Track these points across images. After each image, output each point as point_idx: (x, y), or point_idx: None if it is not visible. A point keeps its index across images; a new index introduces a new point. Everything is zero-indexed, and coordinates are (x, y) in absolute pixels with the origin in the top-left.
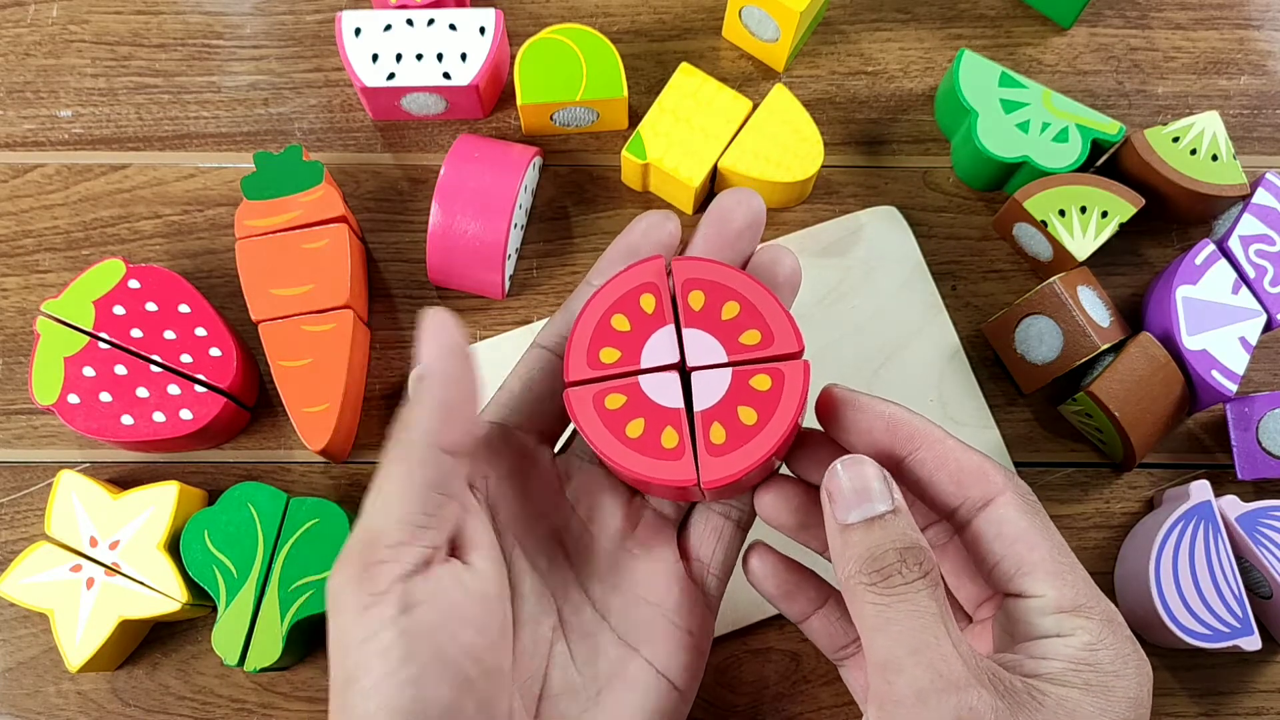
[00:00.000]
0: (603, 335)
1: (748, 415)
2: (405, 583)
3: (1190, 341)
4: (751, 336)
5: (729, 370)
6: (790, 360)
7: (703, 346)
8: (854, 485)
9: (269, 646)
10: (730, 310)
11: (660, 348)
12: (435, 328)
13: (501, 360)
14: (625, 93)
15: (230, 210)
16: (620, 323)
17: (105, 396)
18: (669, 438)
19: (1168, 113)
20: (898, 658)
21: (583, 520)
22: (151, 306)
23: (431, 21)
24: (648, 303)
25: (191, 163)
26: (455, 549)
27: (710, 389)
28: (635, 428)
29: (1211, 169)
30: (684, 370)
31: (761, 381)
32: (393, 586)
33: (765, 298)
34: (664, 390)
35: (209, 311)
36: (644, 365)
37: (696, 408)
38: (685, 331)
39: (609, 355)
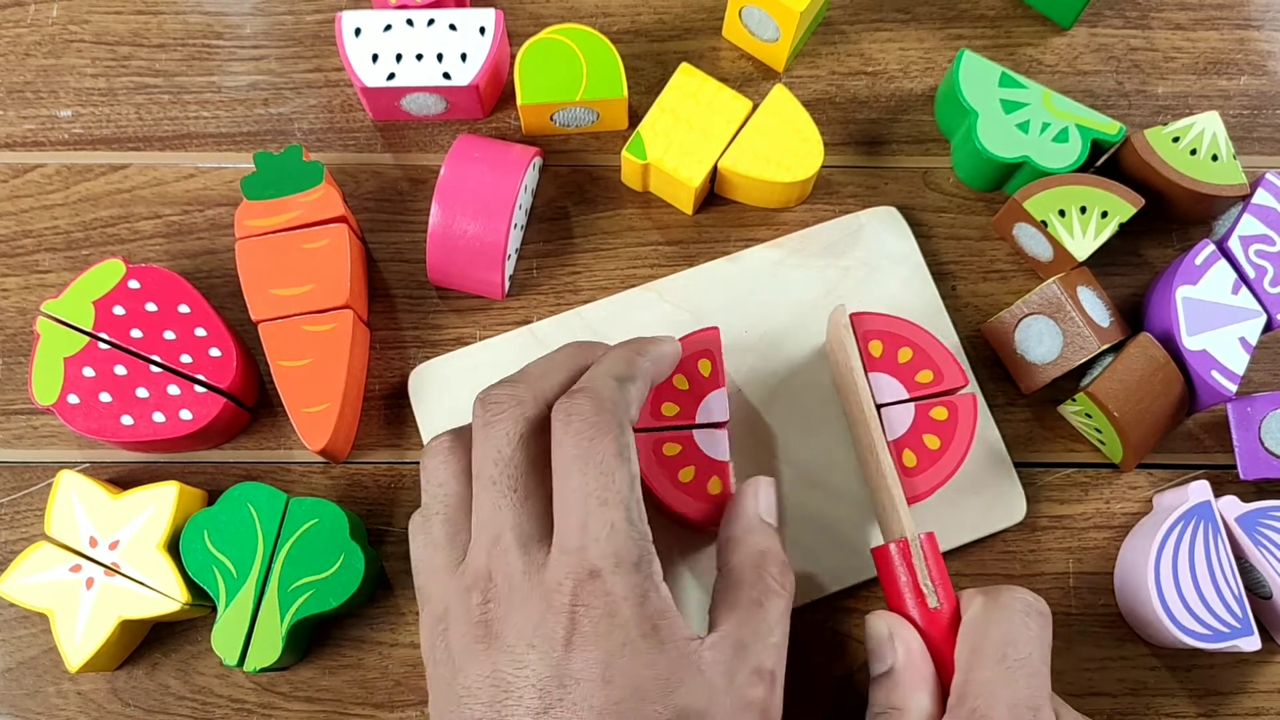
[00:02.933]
0: (664, 391)
1: (932, 441)
2: None
3: (1190, 342)
4: (925, 375)
5: (912, 405)
6: (960, 393)
7: (886, 387)
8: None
9: (268, 647)
10: (905, 355)
11: (714, 407)
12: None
13: (501, 361)
14: (625, 93)
15: (230, 210)
16: (680, 382)
17: (105, 396)
18: (714, 485)
19: (1168, 113)
20: None
21: None
22: (151, 307)
23: (431, 21)
24: (704, 367)
25: (191, 163)
26: None
27: (897, 422)
28: (687, 474)
29: (1211, 169)
30: (718, 425)
31: (940, 413)
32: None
33: (932, 342)
34: (714, 444)
35: (209, 312)
36: (698, 421)
37: (889, 438)
38: (870, 375)
39: (669, 409)
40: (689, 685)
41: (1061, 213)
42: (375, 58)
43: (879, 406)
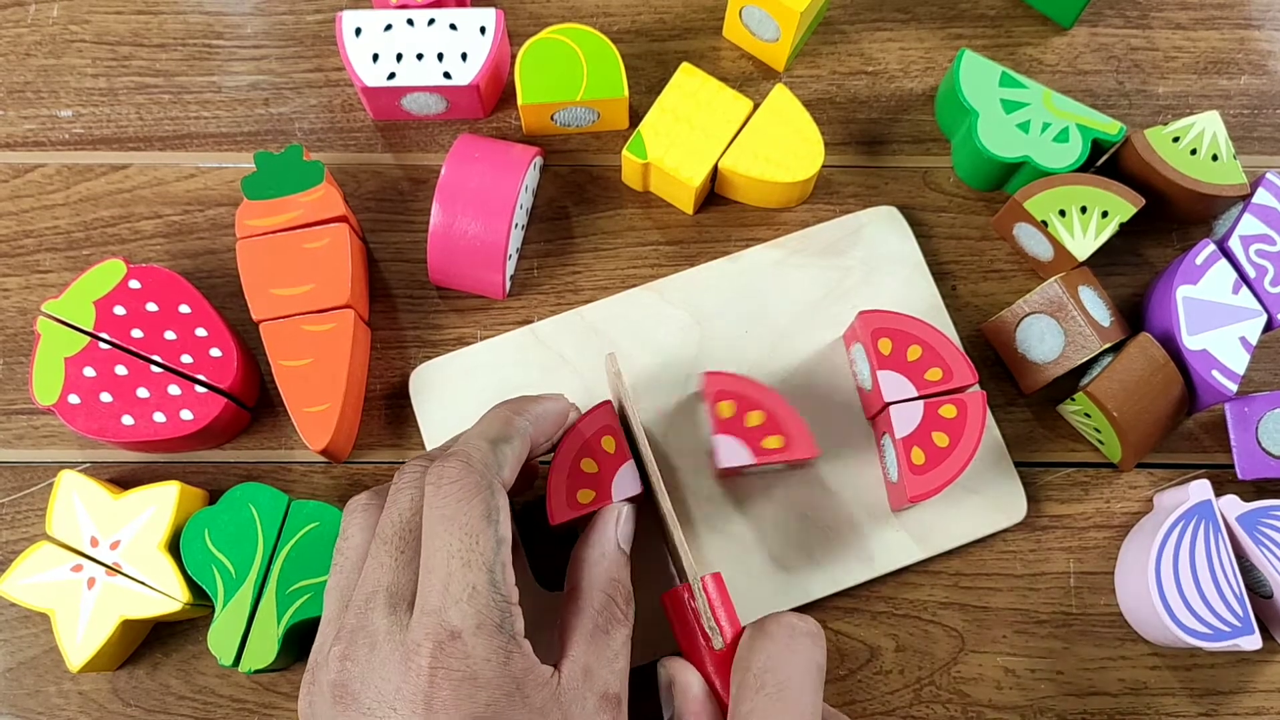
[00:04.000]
0: (576, 479)
1: (940, 439)
2: None
3: (1190, 341)
4: (935, 373)
5: (920, 403)
6: (969, 390)
7: (895, 384)
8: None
9: (264, 648)
10: (914, 353)
11: (625, 481)
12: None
13: (501, 361)
14: (626, 93)
15: (231, 210)
16: (589, 466)
17: (106, 397)
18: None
19: (1168, 113)
20: None
21: None
22: (152, 307)
23: (432, 21)
24: (608, 444)
25: (192, 163)
26: None
27: (907, 420)
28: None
29: (1211, 169)
30: (880, 407)
31: (949, 410)
32: None
33: (941, 339)
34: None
35: (209, 312)
36: (615, 499)
37: (897, 436)
38: (879, 373)
39: (585, 496)
40: None
41: (1062, 213)
42: (376, 57)
43: (888, 404)
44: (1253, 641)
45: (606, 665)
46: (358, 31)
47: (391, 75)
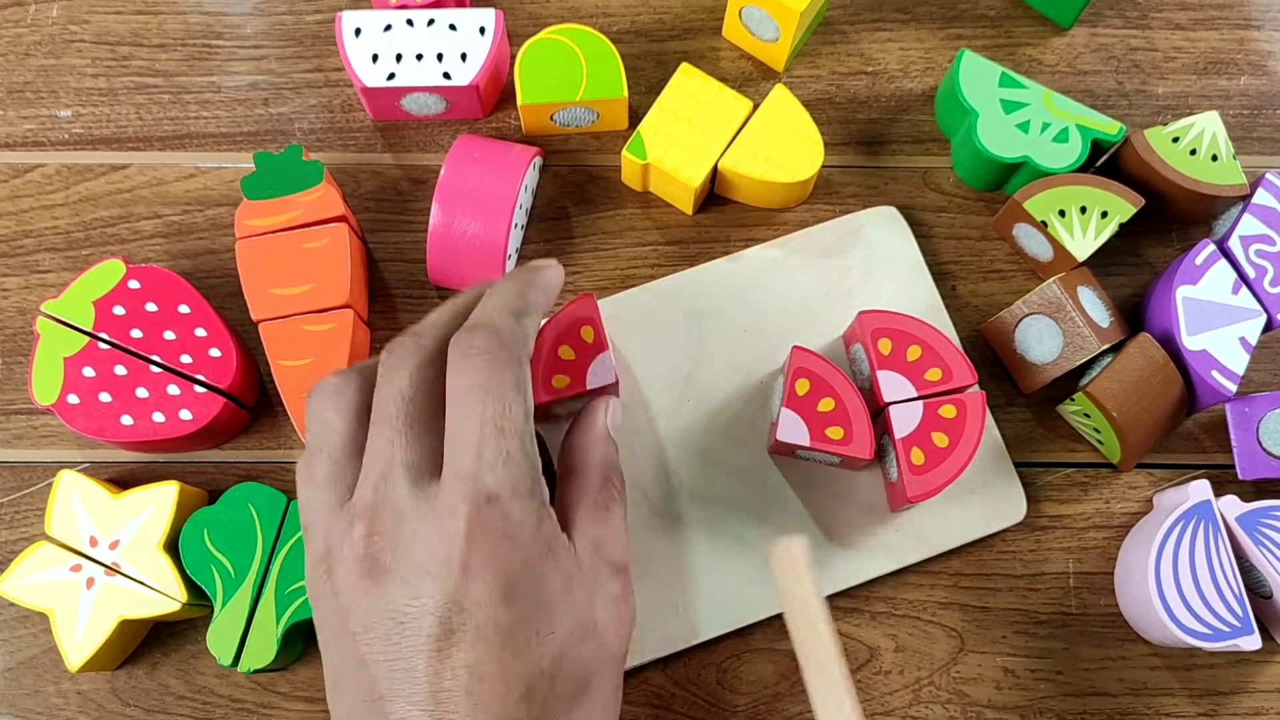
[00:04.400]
0: (552, 365)
1: (940, 439)
2: None
3: (1190, 341)
4: (934, 373)
5: (920, 403)
6: (968, 391)
7: (895, 384)
8: None
9: (263, 648)
10: (914, 353)
11: (601, 371)
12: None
13: None
14: (625, 93)
15: (230, 210)
16: (566, 353)
17: (105, 396)
18: None
19: (1168, 113)
20: None
21: None
22: (151, 307)
23: (431, 21)
24: (587, 334)
25: (191, 163)
26: None
27: (906, 420)
28: None
29: (1211, 169)
30: (880, 408)
31: (948, 411)
32: None
33: (941, 339)
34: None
35: (209, 312)
36: (589, 387)
37: (896, 436)
38: (879, 373)
39: (560, 381)
40: (576, 592)
41: (1061, 213)
42: (375, 58)
43: (887, 404)
44: (1252, 642)
45: (612, 538)
46: (357, 32)
47: (391, 75)
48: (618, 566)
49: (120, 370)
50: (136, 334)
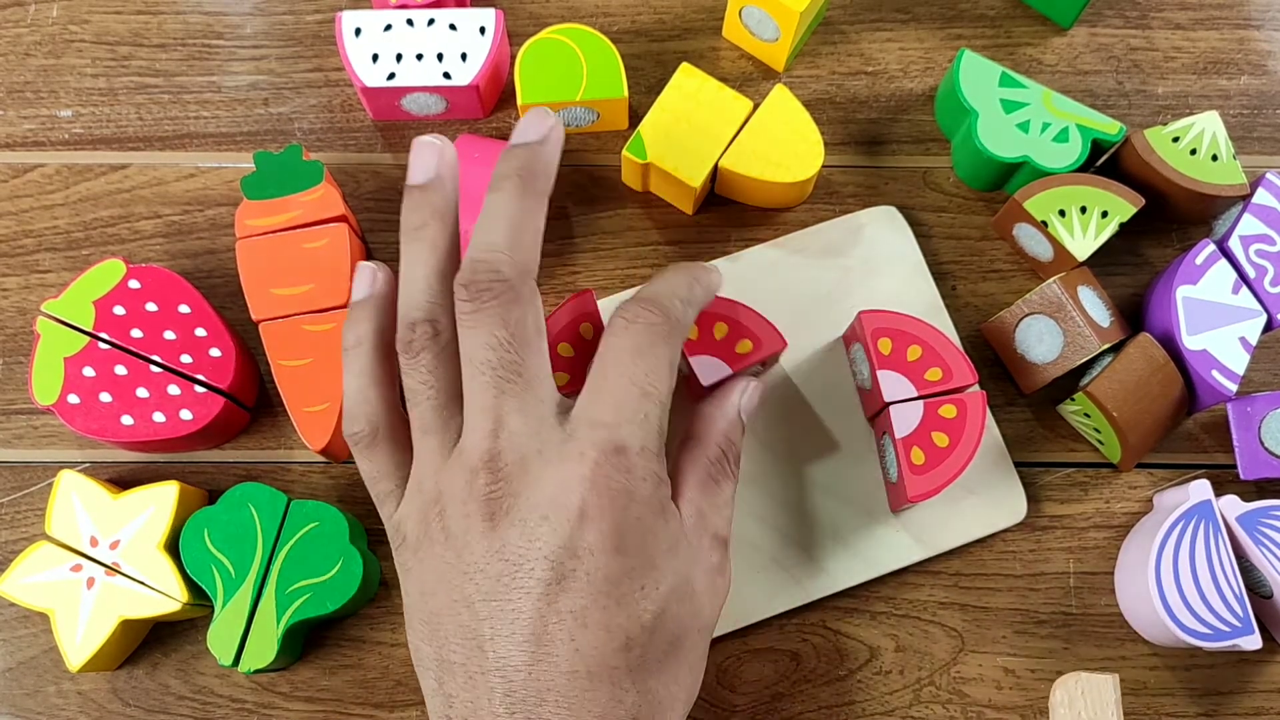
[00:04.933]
0: (552, 362)
1: (940, 439)
2: None
3: (1190, 341)
4: (934, 373)
5: (920, 403)
6: (968, 390)
7: (895, 384)
8: None
9: (264, 648)
10: (914, 353)
11: None
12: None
13: None
14: (625, 93)
15: (230, 210)
16: (565, 350)
17: (105, 396)
18: None
19: (1168, 113)
20: None
21: None
22: (151, 307)
23: (431, 21)
24: (586, 331)
25: (191, 163)
26: None
27: (907, 420)
28: None
29: (1211, 169)
30: (880, 408)
31: (949, 410)
32: None
33: (941, 339)
34: None
35: (209, 312)
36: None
37: (897, 435)
38: (879, 373)
39: (560, 379)
40: (680, 553)
41: (1061, 213)
42: (375, 58)
43: (888, 404)
44: (1253, 641)
45: (717, 511)
46: (357, 32)
47: (391, 75)
48: (719, 538)
49: (120, 370)
50: (137, 334)
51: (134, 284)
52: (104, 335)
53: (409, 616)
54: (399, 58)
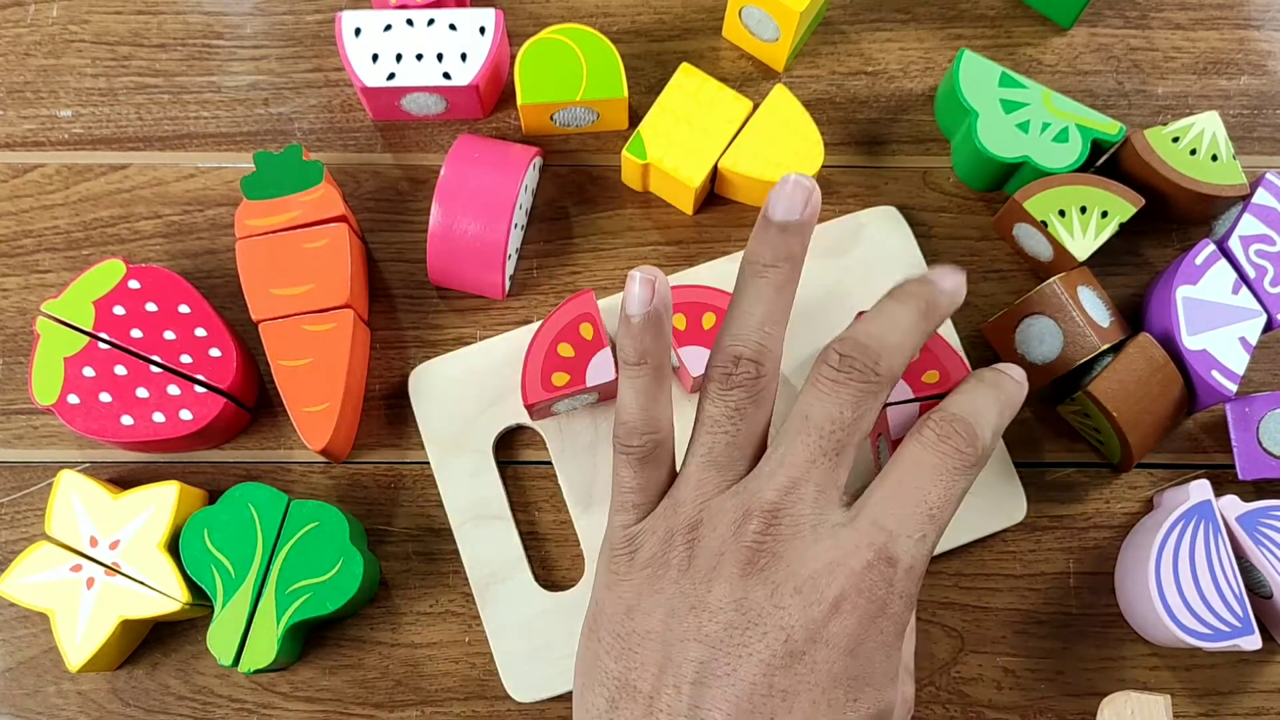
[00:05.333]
0: (552, 362)
1: None
2: None
3: (1190, 341)
4: (931, 376)
5: (916, 405)
6: None
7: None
8: None
9: (264, 648)
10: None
11: (600, 368)
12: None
13: (500, 361)
14: (625, 93)
15: (230, 210)
16: (566, 350)
17: (105, 397)
18: None
19: (1168, 113)
20: None
21: None
22: (151, 307)
23: (431, 21)
24: (586, 331)
25: (191, 163)
26: None
27: (903, 422)
28: None
29: (1211, 169)
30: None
31: None
32: None
33: (939, 342)
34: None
35: (209, 312)
36: (589, 384)
37: (894, 436)
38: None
39: (560, 379)
40: (897, 682)
41: (1061, 213)
42: (375, 58)
43: (884, 406)
44: (1253, 642)
45: (911, 647)
46: (357, 32)
47: (391, 75)
48: (910, 671)
49: (120, 370)
50: (137, 334)
51: (134, 284)
52: (104, 335)
53: (596, 625)
54: (399, 58)
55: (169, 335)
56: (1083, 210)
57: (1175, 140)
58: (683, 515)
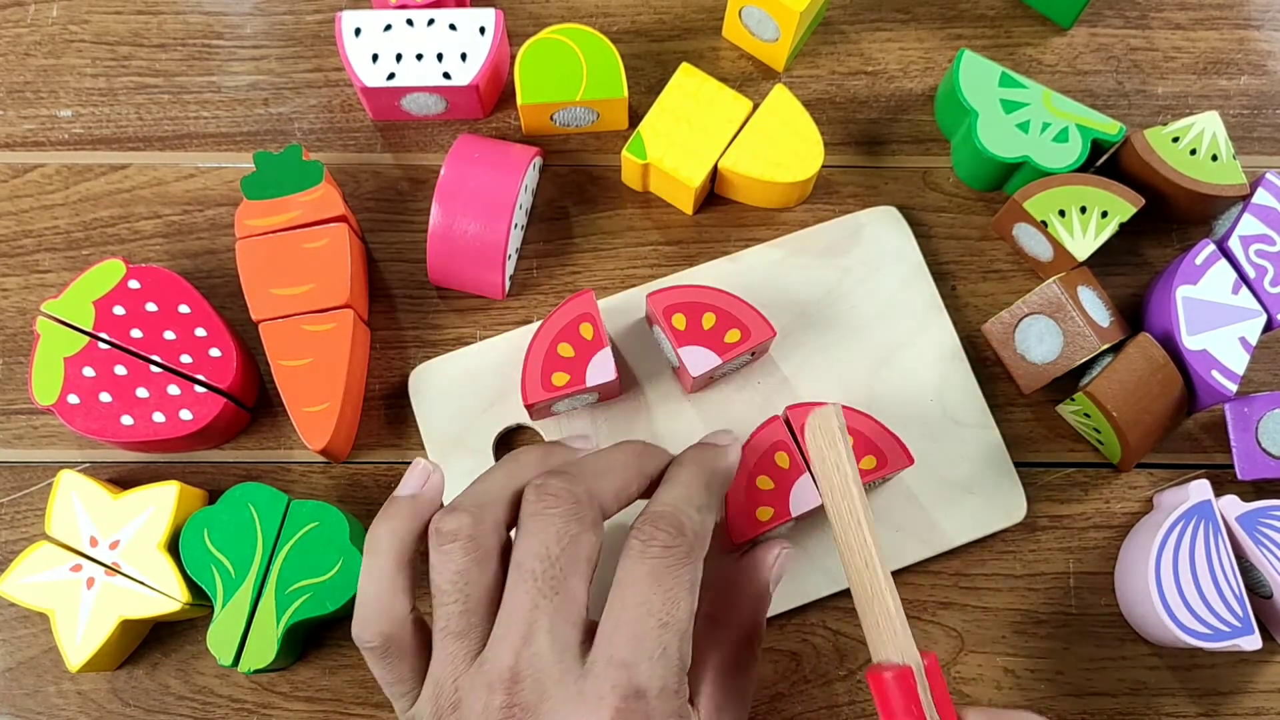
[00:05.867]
0: (552, 362)
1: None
2: None
3: (1190, 341)
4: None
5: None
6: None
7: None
8: None
9: (264, 648)
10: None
11: (600, 368)
12: None
13: (500, 361)
14: (625, 93)
15: (230, 210)
16: (565, 350)
17: (105, 397)
18: None
19: (1168, 113)
20: None
21: None
22: (151, 307)
23: (431, 21)
24: (586, 331)
25: (191, 163)
26: None
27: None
28: None
29: (1211, 169)
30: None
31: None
32: None
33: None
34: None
35: (209, 312)
36: (588, 384)
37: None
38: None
39: (560, 379)
40: None
41: (1061, 213)
42: (375, 58)
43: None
44: (1253, 641)
45: (737, 702)
46: (357, 32)
47: (391, 75)
48: None
49: (120, 370)
50: (136, 334)
51: (134, 284)
52: (104, 335)
53: None
54: (399, 58)
55: (169, 335)
56: (1083, 210)
57: (1175, 140)
58: (444, 698)
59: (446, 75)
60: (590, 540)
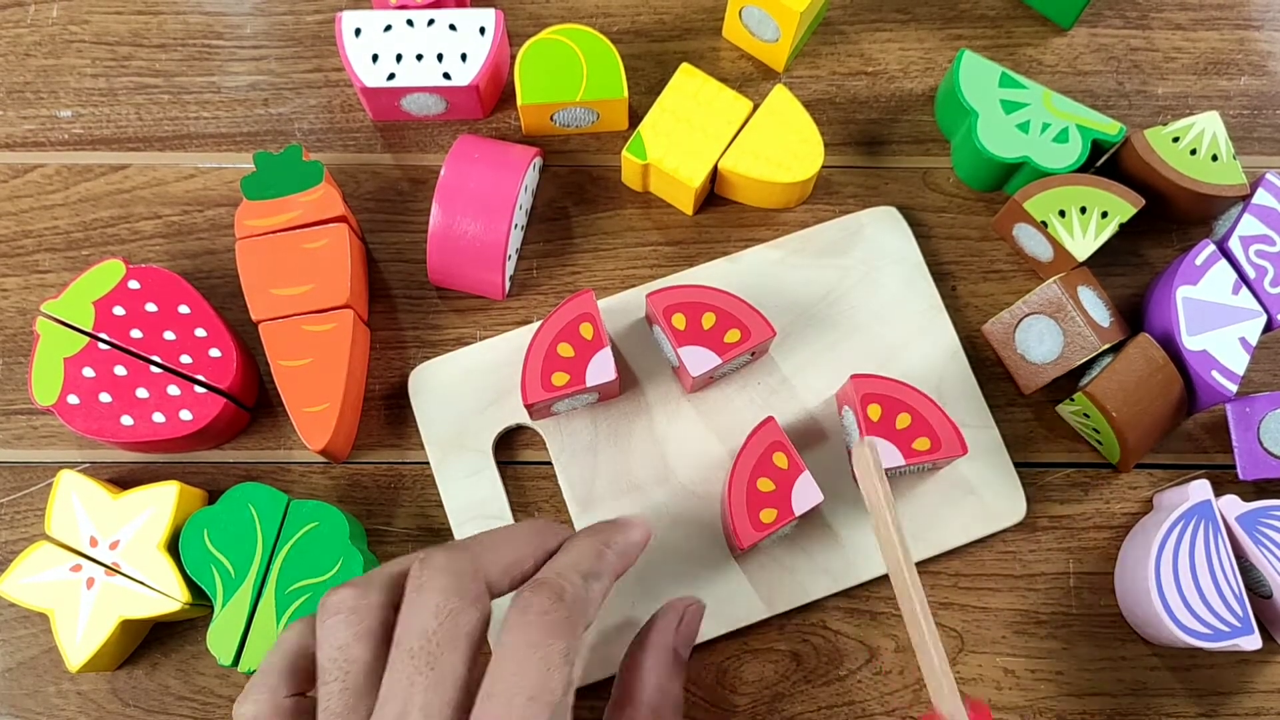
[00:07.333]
0: (552, 362)
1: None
2: None
3: (1190, 342)
4: (922, 443)
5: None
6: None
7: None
8: None
9: (263, 648)
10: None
11: (599, 368)
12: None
13: (500, 361)
14: (625, 93)
15: (230, 210)
16: (565, 350)
17: (105, 397)
18: None
19: (1168, 113)
20: None
21: None
22: (151, 307)
23: (431, 22)
24: (586, 330)
25: (191, 163)
26: None
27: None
28: None
29: (1211, 169)
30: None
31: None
32: None
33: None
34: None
35: (209, 312)
36: (588, 384)
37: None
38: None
39: (560, 379)
40: None
41: (1061, 213)
42: (375, 58)
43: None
44: (1252, 641)
45: None
46: (357, 32)
47: (391, 76)
48: None
49: (120, 370)
50: (136, 334)
51: (134, 284)
52: (104, 336)
53: None
54: (399, 58)
55: (169, 335)
56: (1083, 210)
57: (1175, 140)
58: None
59: (446, 75)
60: (471, 616)
